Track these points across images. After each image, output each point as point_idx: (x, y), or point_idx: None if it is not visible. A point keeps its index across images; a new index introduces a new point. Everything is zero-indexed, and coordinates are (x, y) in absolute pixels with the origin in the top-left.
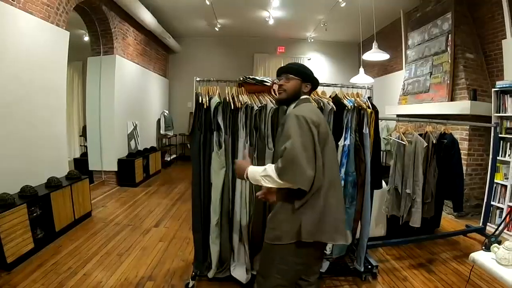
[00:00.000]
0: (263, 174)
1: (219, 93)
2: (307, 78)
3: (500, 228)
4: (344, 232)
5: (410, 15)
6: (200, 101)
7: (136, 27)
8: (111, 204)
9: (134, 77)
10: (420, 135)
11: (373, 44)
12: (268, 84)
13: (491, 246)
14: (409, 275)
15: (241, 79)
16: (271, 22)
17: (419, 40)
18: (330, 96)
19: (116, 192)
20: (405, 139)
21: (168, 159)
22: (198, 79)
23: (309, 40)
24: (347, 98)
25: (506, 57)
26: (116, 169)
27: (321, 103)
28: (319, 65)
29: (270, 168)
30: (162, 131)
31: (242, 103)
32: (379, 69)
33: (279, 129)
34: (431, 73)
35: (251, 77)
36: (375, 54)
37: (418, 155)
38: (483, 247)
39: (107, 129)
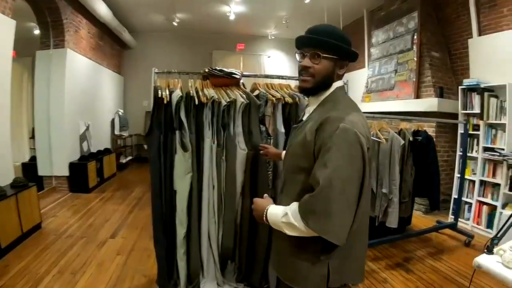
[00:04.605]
0: (285, 220)
1: (181, 87)
2: (346, 53)
3: (504, 229)
4: (364, 270)
5: (373, 13)
6: (159, 96)
7: (90, 19)
8: (62, 214)
9: (87, 73)
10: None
11: None
12: (237, 77)
13: (496, 249)
14: (389, 276)
15: (207, 71)
16: (232, 17)
17: (383, 38)
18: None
19: (68, 200)
20: (382, 136)
21: (124, 161)
22: (156, 70)
23: (269, 37)
24: None
25: (472, 56)
26: (67, 174)
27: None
28: (280, 63)
29: (292, 213)
30: (116, 132)
31: (208, 97)
32: None
33: (306, 126)
34: (396, 71)
35: (218, 68)
36: None
37: (395, 153)
38: (485, 251)
39: (57, 130)
